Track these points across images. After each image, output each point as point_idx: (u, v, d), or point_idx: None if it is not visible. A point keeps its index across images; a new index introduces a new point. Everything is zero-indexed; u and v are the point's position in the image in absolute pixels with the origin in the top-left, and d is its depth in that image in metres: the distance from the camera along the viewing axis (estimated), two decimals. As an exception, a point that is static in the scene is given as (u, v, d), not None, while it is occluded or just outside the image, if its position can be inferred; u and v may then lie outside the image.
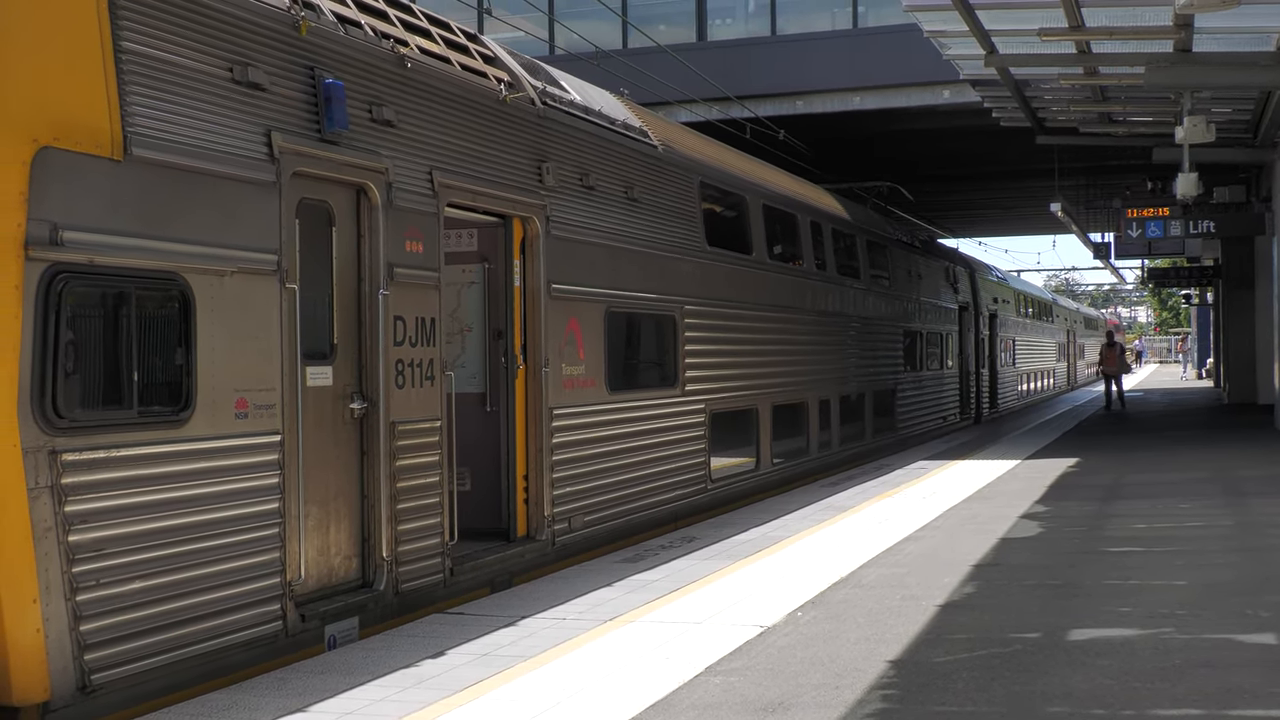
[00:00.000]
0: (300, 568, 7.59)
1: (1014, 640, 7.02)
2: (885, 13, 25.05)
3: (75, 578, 6.08)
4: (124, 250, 6.40)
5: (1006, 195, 40.79)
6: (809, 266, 18.02)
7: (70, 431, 6.09)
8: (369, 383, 8.36)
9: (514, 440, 10.36)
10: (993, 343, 32.98)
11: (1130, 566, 9.30)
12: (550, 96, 11.04)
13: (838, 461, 18.82)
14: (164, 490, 6.62)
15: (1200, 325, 63.95)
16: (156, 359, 6.66)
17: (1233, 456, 18.10)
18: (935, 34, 17.47)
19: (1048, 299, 50.63)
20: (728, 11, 27.68)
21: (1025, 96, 20.88)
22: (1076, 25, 15.78)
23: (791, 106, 25.42)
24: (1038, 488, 14.59)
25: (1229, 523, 11.44)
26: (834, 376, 18.87)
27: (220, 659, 6.95)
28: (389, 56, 8.71)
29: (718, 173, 14.96)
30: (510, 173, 10.12)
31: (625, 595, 8.72)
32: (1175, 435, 23.31)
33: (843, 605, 8.14)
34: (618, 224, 11.98)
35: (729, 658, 6.84)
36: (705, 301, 13.98)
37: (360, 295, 8.37)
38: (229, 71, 7.19)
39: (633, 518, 11.98)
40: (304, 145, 7.71)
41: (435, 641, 7.45)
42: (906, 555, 10.03)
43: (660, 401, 12.79)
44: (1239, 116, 22.15)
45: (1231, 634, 7.04)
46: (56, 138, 6.07)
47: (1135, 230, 26.32)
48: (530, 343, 10.46)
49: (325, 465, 7.97)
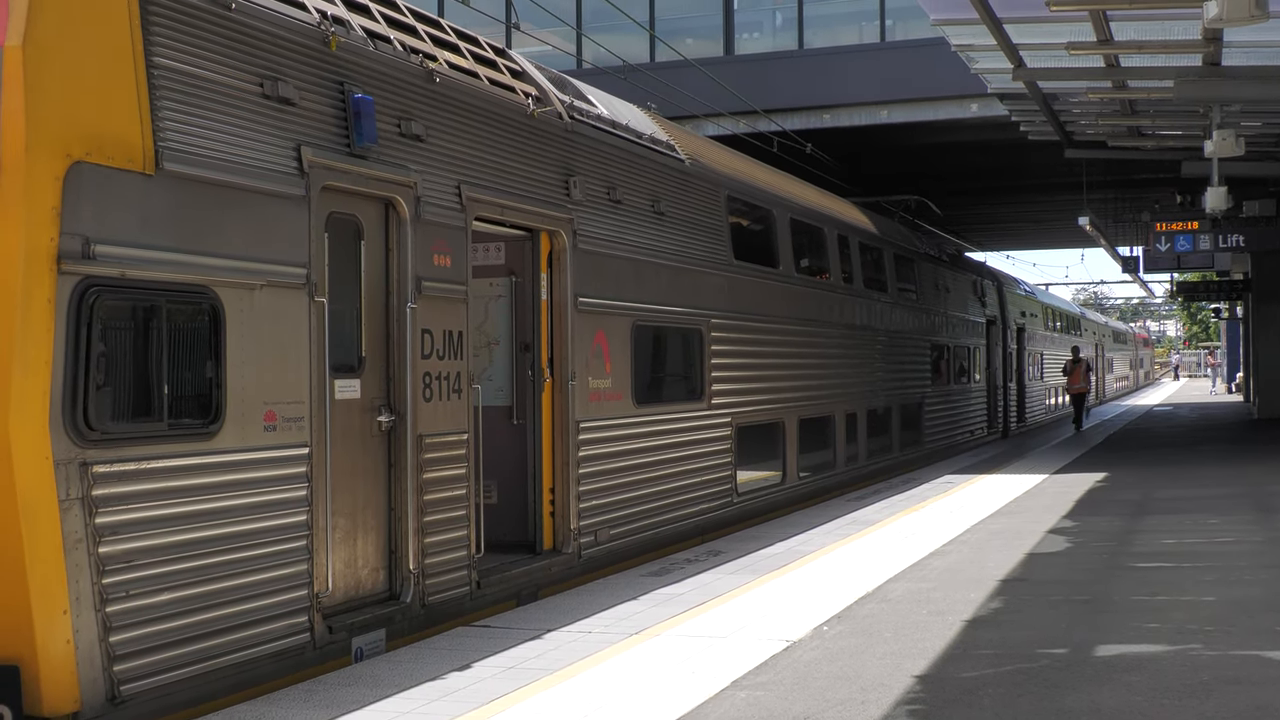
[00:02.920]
0: (328, 580, 7.62)
1: (1041, 656, 7.00)
2: (913, 26, 25.05)
3: (105, 589, 6.13)
4: (155, 264, 6.46)
5: (1034, 209, 40.67)
6: (836, 280, 18.00)
7: (101, 444, 6.14)
8: (397, 395, 8.40)
9: (540, 453, 10.38)
10: (1020, 356, 32.86)
11: (1158, 582, 9.25)
12: (578, 111, 11.08)
13: (864, 475, 18.78)
14: (193, 502, 6.66)
15: (1230, 339, 63.61)
16: (186, 372, 6.70)
17: (1263, 471, 17.98)
18: (963, 48, 17.46)
19: (1076, 313, 50.42)
20: (755, 25, 27.72)
21: (1053, 110, 20.83)
22: (1105, 39, 15.74)
23: (819, 120, 25.42)
24: (1065, 503, 14.53)
25: (1259, 539, 11.37)
26: (860, 390, 18.84)
27: (248, 671, 6.98)
28: (418, 71, 8.76)
29: (745, 186, 14.97)
30: (538, 187, 10.16)
31: (651, 609, 8.73)
32: (1204, 450, 23.16)
33: (869, 620, 8.12)
34: (645, 238, 12.00)
35: (755, 672, 6.83)
36: (732, 315, 13.98)
37: (388, 308, 8.41)
38: (259, 86, 7.25)
39: (659, 531, 11.98)
40: (333, 160, 7.76)
41: (461, 654, 7.47)
42: (933, 570, 10.00)
43: (686, 415, 12.80)
44: (1269, 130, 22.04)
45: (1261, 650, 6.99)
46: (89, 152, 6.13)
47: (1164, 244, 26.21)
48: (557, 356, 10.49)
49: (353, 477, 8.01)
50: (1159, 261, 27.52)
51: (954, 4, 14.98)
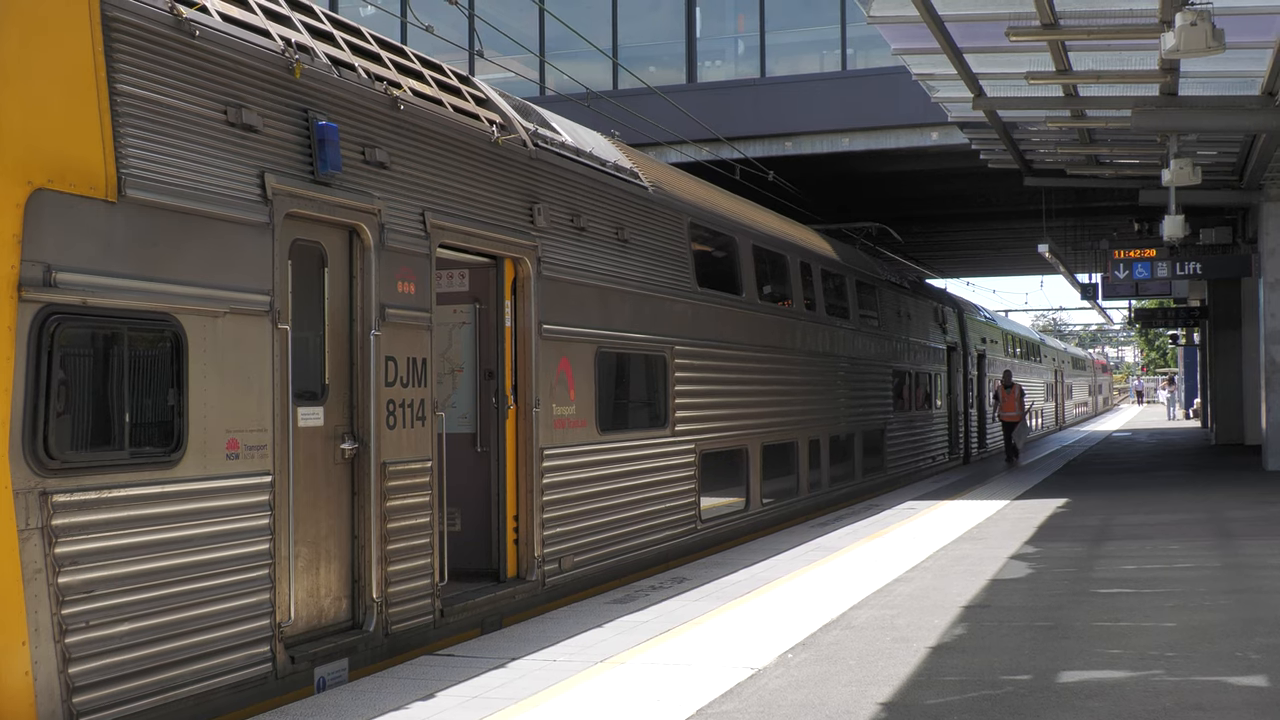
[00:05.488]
0: (290, 609, 7.56)
1: (1005, 682, 7.02)
2: (874, 55, 25.26)
3: (65, 620, 6.06)
4: (117, 291, 6.42)
5: (994, 236, 41.01)
6: (798, 307, 18.07)
7: (61, 473, 6.08)
8: (360, 423, 8.37)
9: (504, 481, 10.35)
10: (981, 382, 33.04)
11: (1120, 608, 9.31)
12: (542, 138, 11.10)
13: (828, 501, 18.82)
14: (155, 531, 6.60)
15: (1187, 365, 64.21)
16: (148, 400, 6.66)
17: (1222, 497, 18.13)
18: (923, 77, 17.63)
19: (1035, 339, 50.79)
20: (717, 54, 27.88)
21: (1013, 139, 21.04)
22: (1064, 69, 15.92)
23: (780, 148, 25.58)
24: (1027, 529, 14.60)
25: (1218, 564, 11.46)
26: (823, 416, 18.89)
27: (209, 701, 6.91)
28: (382, 99, 8.76)
29: (708, 214, 15.03)
30: (502, 214, 10.17)
31: (616, 636, 8.70)
32: (1164, 476, 23.34)
33: (833, 647, 8.13)
34: (609, 265, 12.02)
35: (720, 700, 6.82)
36: (695, 342, 14.01)
37: (352, 336, 8.39)
38: (223, 113, 7.23)
39: (623, 558, 11.97)
40: (297, 187, 7.74)
41: (425, 683, 7.42)
42: (897, 596, 10.02)
43: (650, 442, 12.80)
44: (1225, 159, 22.33)
45: (1222, 676, 7.04)
46: (51, 179, 6.09)
47: (1122, 271, 26.47)
48: (521, 383, 10.48)
49: (316, 506, 7.96)
50: (1117, 288, 27.82)
51: (915, 34, 15.13)
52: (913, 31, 15.08)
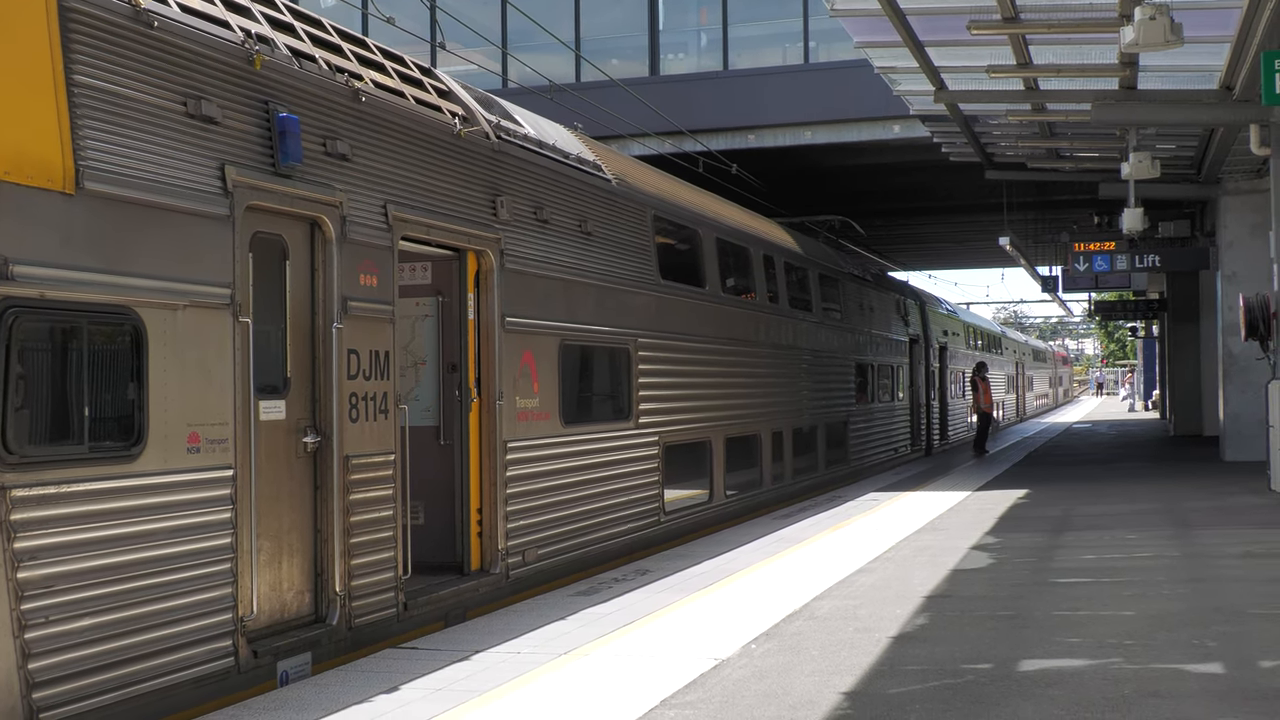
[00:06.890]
0: (252, 603, 7.53)
1: (966, 671, 7.07)
2: (836, 48, 25.33)
3: (24, 615, 6.02)
4: (76, 284, 6.37)
5: (956, 229, 41.21)
6: (761, 300, 18.12)
7: (20, 467, 6.03)
8: (322, 416, 8.34)
9: (468, 474, 10.34)
10: (943, 375, 33.22)
11: (1080, 597, 9.38)
12: (505, 131, 11.08)
13: (791, 494, 18.88)
14: (115, 526, 6.56)
15: (1146, 358, 64.77)
16: (108, 394, 6.61)
17: (1181, 488, 18.30)
18: (886, 70, 17.70)
19: (997, 331, 51.09)
20: (680, 46, 27.90)
21: (974, 132, 21.16)
22: (1024, 62, 16.03)
23: (743, 140, 25.63)
24: (988, 519, 14.70)
25: (1177, 554, 11.57)
26: (786, 409, 18.95)
27: (171, 696, 6.88)
28: (343, 90, 8.72)
29: (671, 207, 15.04)
30: (465, 206, 10.14)
31: (580, 628, 8.71)
32: (1124, 467, 23.54)
33: (796, 637, 8.17)
34: (572, 257, 12.01)
35: (684, 690, 6.84)
36: (659, 334, 14.02)
37: (314, 329, 8.35)
38: (182, 105, 7.18)
39: (587, 551, 11.97)
40: (258, 179, 7.70)
41: (389, 677, 7.41)
42: (859, 587, 10.07)
43: (614, 434, 12.81)
44: (1183, 153, 22.53)
45: (1180, 664, 7.11)
46: (7, 171, 6.03)
47: (1082, 264, 26.67)
48: (485, 376, 10.46)
49: (278, 499, 7.93)
50: (1077, 281, 27.97)
51: (877, 27, 15.20)
52: (875, 24, 15.15)
